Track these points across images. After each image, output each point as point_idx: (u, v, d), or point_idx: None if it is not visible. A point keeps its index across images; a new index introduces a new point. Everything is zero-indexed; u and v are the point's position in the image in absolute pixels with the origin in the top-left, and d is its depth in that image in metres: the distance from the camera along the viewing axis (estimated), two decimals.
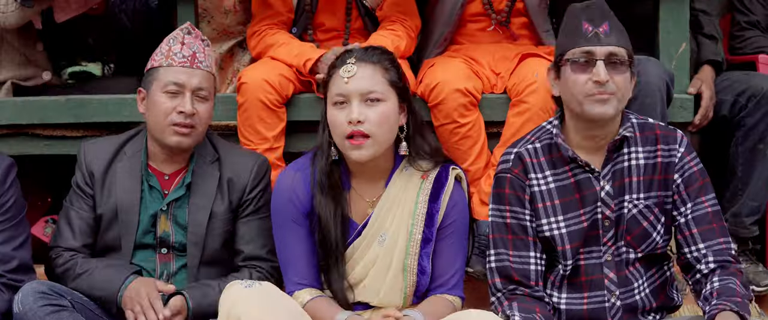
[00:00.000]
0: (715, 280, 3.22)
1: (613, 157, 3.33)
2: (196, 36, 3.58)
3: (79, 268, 3.52)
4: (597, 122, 3.26)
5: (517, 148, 3.38)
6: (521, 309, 3.25)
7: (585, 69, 3.24)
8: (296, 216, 3.44)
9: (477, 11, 4.26)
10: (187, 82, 3.50)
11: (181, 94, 3.50)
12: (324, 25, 4.30)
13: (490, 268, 3.36)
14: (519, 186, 3.35)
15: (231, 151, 3.68)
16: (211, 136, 3.70)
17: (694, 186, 3.32)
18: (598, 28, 3.24)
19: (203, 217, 3.56)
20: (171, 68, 3.52)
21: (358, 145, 3.31)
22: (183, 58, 3.52)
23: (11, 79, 4.33)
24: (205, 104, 3.54)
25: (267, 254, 3.58)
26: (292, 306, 3.32)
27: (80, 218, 3.59)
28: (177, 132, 3.50)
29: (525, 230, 3.34)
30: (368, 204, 3.46)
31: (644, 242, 3.34)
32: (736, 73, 4.32)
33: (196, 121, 3.51)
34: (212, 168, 3.61)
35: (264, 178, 3.65)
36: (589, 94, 3.22)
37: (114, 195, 3.58)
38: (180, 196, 3.59)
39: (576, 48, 3.25)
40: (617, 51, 3.24)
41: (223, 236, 3.59)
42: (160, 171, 3.61)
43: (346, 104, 3.34)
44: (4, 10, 4.12)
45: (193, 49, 3.54)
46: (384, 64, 3.39)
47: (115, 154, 3.63)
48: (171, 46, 3.55)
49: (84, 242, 3.58)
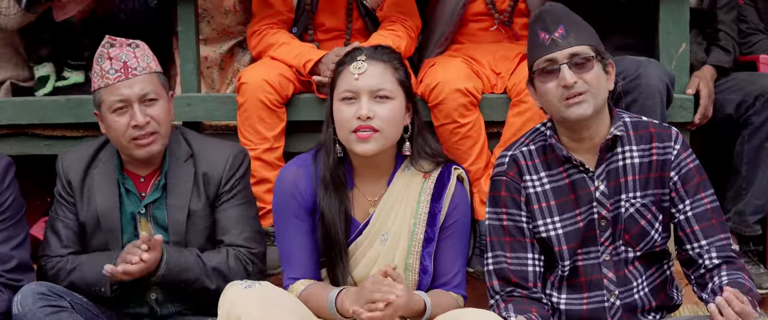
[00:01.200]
0: (724, 275, 3.22)
1: (606, 157, 3.33)
2: (121, 44, 3.51)
3: (70, 265, 3.53)
4: (580, 123, 3.27)
5: (512, 151, 3.40)
6: (517, 310, 3.26)
7: (551, 76, 3.26)
8: (298, 212, 3.44)
9: (479, 11, 4.27)
10: (129, 94, 3.47)
11: (129, 108, 3.47)
12: (324, 25, 4.30)
13: (488, 271, 3.37)
14: (514, 189, 3.36)
15: (205, 144, 3.65)
16: (184, 132, 3.68)
17: (691, 182, 3.32)
18: (554, 33, 3.25)
19: (181, 216, 3.56)
20: (109, 87, 3.48)
21: (366, 138, 3.32)
22: (116, 73, 3.48)
23: (10, 80, 4.33)
24: (156, 105, 3.50)
25: (245, 241, 3.57)
26: (292, 305, 3.31)
27: (66, 227, 3.60)
28: (139, 144, 3.48)
29: (522, 232, 3.35)
30: (370, 203, 3.46)
31: (642, 240, 3.34)
32: (741, 74, 4.33)
33: (154, 126, 3.48)
34: (186, 165, 3.59)
35: (240, 168, 3.62)
36: (562, 99, 3.24)
37: (93, 202, 3.58)
38: (157, 198, 3.58)
39: (538, 58, 3.28)
40: (578, 50, 3.25)
41: (206, 231, 3.58)
42: (135, 174, 3.61)
43: (354, 100, 3.34)
44: (6, 13, 4.13)
45: (122, 60, 3.48)
46: (393, 64, 3.40)
47: (91, 161, 3.62)
48: (101, 64, 3.50)
49: (72, 249, 3.58)
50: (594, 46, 3.28)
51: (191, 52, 4.22)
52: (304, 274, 3.45)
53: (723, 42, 4.38)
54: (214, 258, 3.51)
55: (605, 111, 3.32)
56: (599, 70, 3.27)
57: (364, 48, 3.46)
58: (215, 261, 3.49)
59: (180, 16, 4.22)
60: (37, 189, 4.48)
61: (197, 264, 3.46)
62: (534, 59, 3.30)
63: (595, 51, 3.27)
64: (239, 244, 3.56)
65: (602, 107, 3.29)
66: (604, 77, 3.29)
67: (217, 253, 3.53)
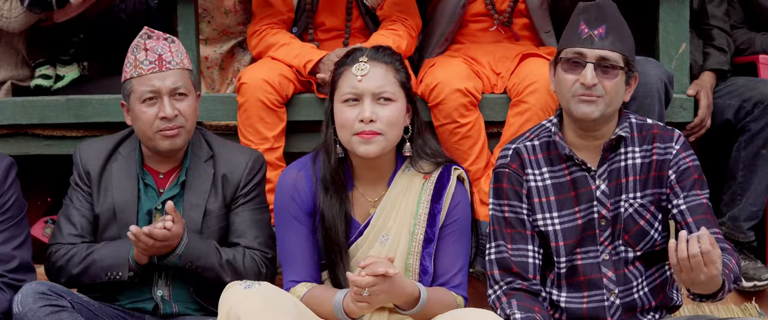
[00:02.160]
0: None
1: (609, 156, 3.34)
2: (158, 37, 3.55)
3: (85, 251, 3.52)
4: (584, 121, 3.28)
5: (516, 144, 3.42)
6: (521, 308, 3.26)
7: (575, 69, 3.26)
8: (298, 215, 3.44)
9: (479, 11, 4.27)
10: (161, 86, 3.49)
11: (159, 99, 3.49)
12: (324, 25, 4.30)
13: (490, 260, 3.39)
14: (516, 181, 3.37)
15: (225, 147, 3.68)
16: (205, 133, 3.70)
17: (687, 180, 3.32)
18: (594, 30, 3.25)
19: (197, 215, 3.57)
20: (142, 77, 3.51)
21: (368, 139, 3.31)
22: (150, 64, 3.51)
23: (10, 80, 4.33)
24: (185, 101, 3.53)
25: (259, 245, 3.59)
26: (292, 306, 3.31)
27: (81, 215, 3.60)
28: (165, 136, 3.50)
29: (523, 224, 3.37)
30: (370, 204, 3.46)
31: (642, 240, 3.35)
32: (741, 79, 4.33)
33: (181, 120, 3.51)
34: (206, 165, 3.61)
35: (258, 173, 3.65)
36: (575, 94, 3.24)
37: (111, 195, 3.58)
38: (174, 194, 3.59)
39: (569, 48, 3.28)
40: (609, 55, 3.25)
41: (219, 233, 3.60)
42: (155, 170, 3.62)
43: (357, 102, 3.34)
44: (7, 15, 4.14)
45: (157, 52, 3.52)
46: (395, 65, 3.40)
47: (111, 154, 3.63)
48: (136, 55, 3.53)
49: (86, 239, 3.58)
50: (626, 57, 3.27)
51: (191, 52, 4.21)
52: (304, 277, 3.44)
53: (717, 40, 4.37)
54: (230, 252, 3.53)
55: (615, 115, 3.32)
56: (621, 81, 3.27)
57: (365, 49, 3.44)
58: (232, 255, 3.52)
59: (180, 16, 4.22)
60: (37, 190, 4.48)
61: (215, 254, 3.48)
62: (565, 46, 3.29)
63: (626, 61, 3.27)
64: (255, 247, 3.58)
65: (612, 114, 3.30)
66: (623, 88, 3.29)
67: (234, 250, 3.55)
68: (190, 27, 4.21)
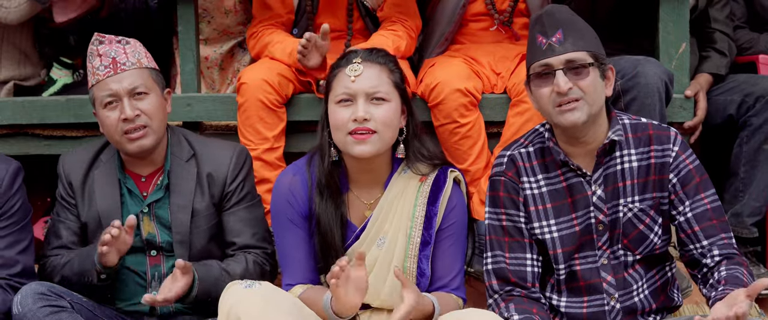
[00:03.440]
0: (723, 270, 3.20)
1: (603, 161, 3.31)
2: (110, 41, 3.54)
3: (64, 259, 3.55)
4: (575, 129, 3.26)
5: (511, 151, 3.39)
6: (518, 310, 3.26)
7: (546, 81, 3.24)
8: (295, 218, 3.44)
9: (479, 11, 4.26)
10: (118, 88, 3.49)
11: (119, 102, 3.49)
12: None
13: (487, 270, 3.37)
14: (513, 189, 3.35)
15: (207, 145, 3.67)
16: (184, 133, 3.69)
17: (690, 184, 3.30)
18: (551, 38, 3.23)
19: (185, 216, 3.57)
20: (100, 83, 3.51)
21: (362, 139, 3.31)
22: (105, 69, 3.50)
23: (12, 79, 4.33)
24: (146, 99, 3.52)
25: (258, 241, 3.59)
26: (292, 306, 3.31)
27: (68, 228, 3.61)
28: (131, 138, 3.50)
29: (520, 232, 3.35)
30: (366, 206, 3.46)
31: (642, 244, 3.33)
32: (742, 76, 4.33)
33: (145, 119, 3.50)
34: (188, 165, 3.60)
35: (244, 167, 3.64)
36: (555, 105, 3.23)
37: (95, 203, 3.59)
38: (159, 198, 3.59)
39: (534, 62, 3.27)
40: (574, 56, 3.23)
41: (209, 231, 3.59)
42: (136, 174, 3.62)
43: (351, 103, 3.34)
44: (7, 5, 4.12)
45: (111, 56, 3.51)
46: (389, 66, 3.40)
47: (92, 162, 3.64)
48: (92, 62, 3.53)
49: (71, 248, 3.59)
50: (592, 52, 3.25)
51: (191, 52, 4.22)
52: (301, 279, 3.45)
53: (719, 44, 4.37)
54: (236, 268, 3.52)
55: (603, 115, 3.30)
56: (596, 77, 3.24)
57: (359, 50, 3.45)
58: (239, 270, 3.51)
59: (180, 16, 4.22)
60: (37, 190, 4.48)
61: (223, 279, 3.45)
62: (531, 62, 3.29)
63: (594, 57, 3.25)
64: (254, 245, 3.58)
65: (598, 113, 3.27)
66: (601, 84, 3.26)
67: (237, 262, 3.54)
68: (190, 27, 4.21)
